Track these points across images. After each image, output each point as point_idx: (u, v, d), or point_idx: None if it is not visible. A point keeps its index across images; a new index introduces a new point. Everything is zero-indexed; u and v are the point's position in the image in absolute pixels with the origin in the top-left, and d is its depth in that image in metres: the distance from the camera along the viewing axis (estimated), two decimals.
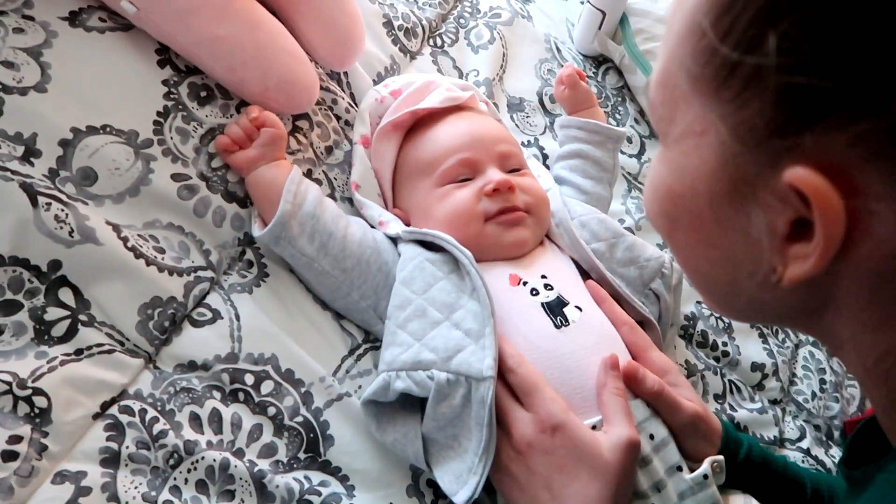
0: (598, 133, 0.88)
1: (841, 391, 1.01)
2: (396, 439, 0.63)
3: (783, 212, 0.33)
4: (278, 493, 0.59)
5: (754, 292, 0.39)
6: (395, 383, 0.62)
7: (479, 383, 0.60)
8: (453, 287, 0.66)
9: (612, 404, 0.61)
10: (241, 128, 0.69)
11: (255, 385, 0.63)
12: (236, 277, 0.68)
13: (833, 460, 0.93)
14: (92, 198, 0.62)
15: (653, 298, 0.78)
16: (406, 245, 0.70)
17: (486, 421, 0.59)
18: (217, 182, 0.69)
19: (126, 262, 0.60)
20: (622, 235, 0.79)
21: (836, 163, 0.31)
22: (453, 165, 0.73)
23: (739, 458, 0.67)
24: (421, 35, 0.99)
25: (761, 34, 0.31)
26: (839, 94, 0.29)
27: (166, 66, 0.69)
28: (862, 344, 0.38)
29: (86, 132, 0.62)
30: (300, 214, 0.68)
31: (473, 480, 0.59)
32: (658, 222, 0.44)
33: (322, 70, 0.83)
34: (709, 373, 0.91)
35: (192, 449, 0.58)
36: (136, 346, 0.60)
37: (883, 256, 0.32)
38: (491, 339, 0.61)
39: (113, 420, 0.57)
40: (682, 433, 0.64)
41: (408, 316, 0.65)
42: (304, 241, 0.67)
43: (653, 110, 0.42)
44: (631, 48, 1.14)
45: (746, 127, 0.33)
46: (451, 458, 0.62)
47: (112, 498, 0.54)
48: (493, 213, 0.71)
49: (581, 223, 0.78)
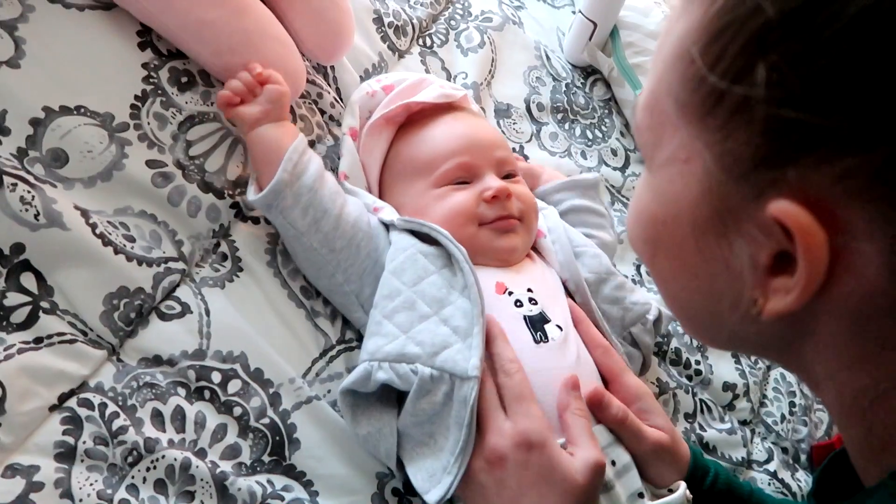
0: (575, 188, 0.89)
1: (810, 415, 1.02)
2: (370, 433, 0.62)
3: (766, 244, 0.33)
4: (240, 496, 0.57)
5: (734, 323, 0.38)
6: (376, 373, 0.60)
7: (463, 382, 0.59)
8: (445, 282, 0.65)
9: (576, 426, 0.60)
10: (244, 82, 0.67)
11: (222, 384, 0.61)
12: (209, 271, 0.66)
13: (799, 484, 0.93)
14: (61, 180, 0.59)
15: (630, 341, 0.78)
16: (399, 234, 0.69)
17: (467, 421, 0.58)
18: (194, 171, 0.67)
19: (93, 249, 0.58)
20: (614, 274, 0.78)
21: (821, 198, 0.30)
22: (452, 168, 0.72)
23: (705, 486, 0.67)
24: (411, 34, 0.98)
25: (750, 64, 0.30)
26: (826, 129, 0.29)
27: (147, 48, 0.67)
28: (839, 381, 0.38)
29: (58, 112, 0.60)
30: (297, 185, 0.66)
31: (447, 480, 0.58)
32: (640, 248, 0.44)
33: (308, 63, 0.81)
34: (680, 391, 0.90)
35: (153, 447, 0.56)
36: (100, 337, 0.58)
37: (864, 295, 0.32)
38: (479, 338, 0.60)
39: (71, 413, 0.55)
40: (644, 461, 0.64)
41: (395, 307, 0.63)
42: (297, 213, 0.66)
43: (638, 134, 0.41)
44: (620, 61, 1.14)
45: (732, 157, 0.33)
46: (425, 455, 0.61)
47: (65, 494, 0.52)
48: (489, 219, 0.71)
49: (577, 253, 0.77)
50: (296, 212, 0.66)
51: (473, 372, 0.59)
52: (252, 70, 0.67)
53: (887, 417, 0.37)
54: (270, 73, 0.68)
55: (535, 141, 1.02)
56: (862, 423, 0.38)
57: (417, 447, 0.62)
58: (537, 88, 1.08)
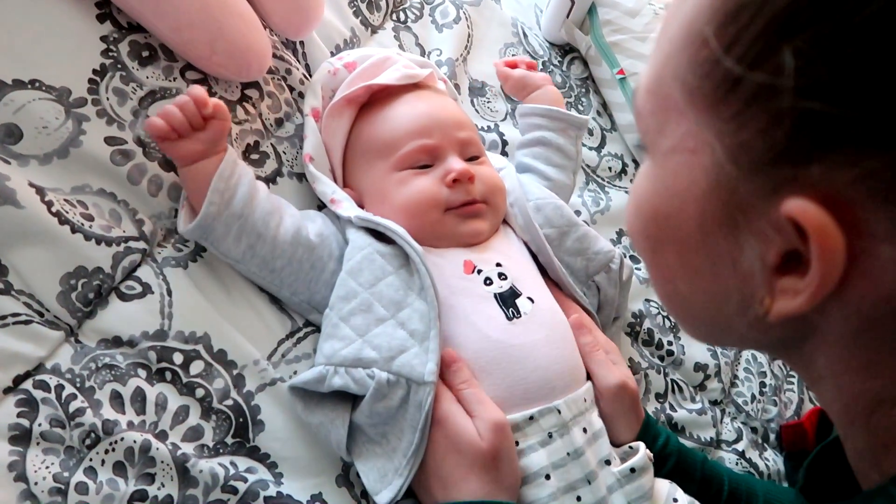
0: (560, 120, 0.85)
1: (780, 395, 1.03)
2: (322, 423, 0.62)
3: (776, 242, 0.31)
4: (201, 478, 0.57)
5: (737, 323, 0.37)
6: (332, 379, 0.60)
7: (420, 387, 0.59)
8: (402, 283, 0.64)
9: (467, 398, 0.61)
10: (188, 116, 0.61)
11: (184, 365, 0.60)
12: (171, 251, 0.65)
13: (767, 463, 0.94)
14: (15, 157, 0.58)
15: (594, 290, 0.78)
16: (356, 232, 0.68)
17: (421, 425, 0.59)
18: (155, 149, 0.65)
19: (49, 227, 0.56)
20: (576, 225, 0.78)
21: (842, 198, 0.28)
22: (412, 151, 0.71)
23: (656, 448, 0.69)
24: (384, 9, 0.96)
25: (771, 49, 0.28)
26: (854, 124, 0.27)
27: (106, 21, 0.65)
28: (843, 382, 0.37)
29: (12, 86, 0.58)
30: (225, 215, 0.62)
31: (398, 482, 0.59)
32: (640, 243, 0.42)
33: (276, 38, 0.79)
34: (652, 371, 0.91)
35: (111, 429, 0.55)
36: (57, 318, 0.57)
37: (877, 300, 0.31)
38: (435, 342, 0.61)
39: (26, 395, 0.54)
40: (607, 402, 0.68)
41: (352, 309, 0.63)
42: (230, 242, 0.63)
43: (640, 120, 0.38)
44: (598, 39, 1.13)
45: (745, 149, 0.30)
46: (377, 454, 0.62)
47: (20, 477, 0.51)
48: (455, 204, 0.70)
49: (537, 206, 0.77)
50: (228, 241, 0.63)
51: (430, 377, 0.59)
52: (200, 103, 0.61)
53: (890, 422, 0.36)
54: (217, 107, 0.62)
55: (510, 119, 1.01)
56: (864, 426, 0.37)
57: (369, 444, 0.62)
58: None
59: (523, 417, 0.62)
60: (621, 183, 1.08)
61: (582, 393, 0.66)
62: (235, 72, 0.70)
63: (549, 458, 0.61)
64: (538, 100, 0.87)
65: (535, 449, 0.61)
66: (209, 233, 0.63)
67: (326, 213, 0.73)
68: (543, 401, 0.63)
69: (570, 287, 0.75)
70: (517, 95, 0.89)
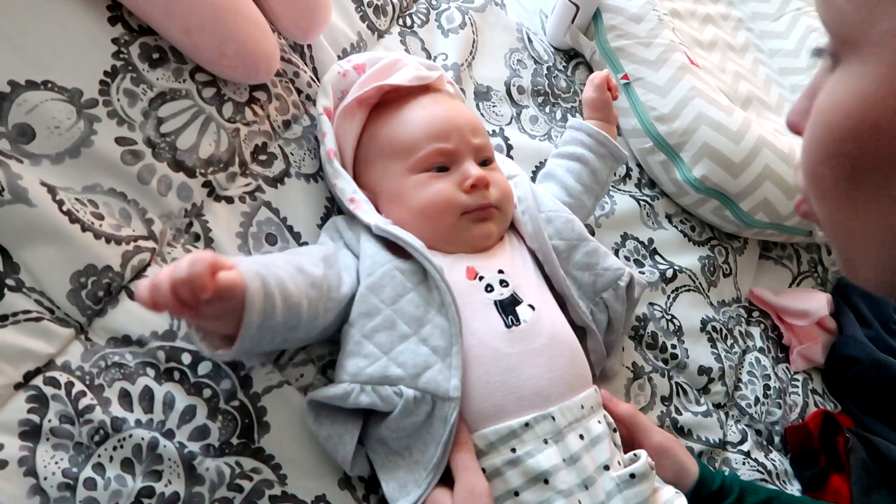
0: (605, 146, 0.89)
1: (784, 398, 1.03)
2: (330, 436, 0.62)
3: None
4: (208, 476, 0.57)
5: None
6: (359, 397, 0.60)
7: (444, 403, 0.60)
8: (422, 300, 0.64)
9: (454, 462, 0.61)
10: (180, 297, 0.48)
11: (192, 365, 0.61)
12: (181, 251, 0.65)
13: (773, 464, 0.94)
14: (28, 156, 0.58)
15: (602, 307, 0.78)
16: (371, 241, 0.67)
17: (444, 440, 0.60)
18: (165, 149, 0.65)
19: (60, 226, 0.57)
20: (586, 240, 0.78)
21: None
22: (430, 153, 0.71)
23: (714, 488, 0.74)
24: (391, 13, 0.97)
25: None
26: None
27: (117, 23, 0.65)
28: None
29: (25, 86, 0.59)
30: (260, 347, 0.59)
31: (416, 493, 0.59)
32: (823, 171, 0.32)
33: (284, 41, 0.80)
34: (656, 375, 0.91)
35: (120, 426, 0.56)
36: (67, 316, 0.57)
37: None
38: (458, 358, 0.61)
39: (36, 391, 0.54)
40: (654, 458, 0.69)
41: (375, 326, 0.63)
42: (265, 346, 0.59)
43: (831, 9, 0.31)
44: (602, 44, 1.13)
45: None
46: (399, 465, 0.62)
47: (30, 472, 0.52)
48: (470, 208, 0.71)
49: (548, 218, 0.77)
50: (262, 346, 0.59)
51: (454, 393, 0.60)
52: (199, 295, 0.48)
53: None
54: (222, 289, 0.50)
55: (515, 124, 1.02)
56: None
57: (392, 456, 0.63)
58: (518, 71, 1.08)
59: (519, 424, 0.62)
60: (626, 187, 1.08)
61: (579, 400, 0.66)
62: (244, 74, 0.70)
63: (545, 463, 0.61)
64: (598, 125, 0.91)
65: (532, 455, 0.61)
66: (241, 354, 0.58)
67: (332, 226, 0.72)
68: (538, 408, 0.63)
69: (571, 299, 0.75)
70: (586, 111, 0.93)
